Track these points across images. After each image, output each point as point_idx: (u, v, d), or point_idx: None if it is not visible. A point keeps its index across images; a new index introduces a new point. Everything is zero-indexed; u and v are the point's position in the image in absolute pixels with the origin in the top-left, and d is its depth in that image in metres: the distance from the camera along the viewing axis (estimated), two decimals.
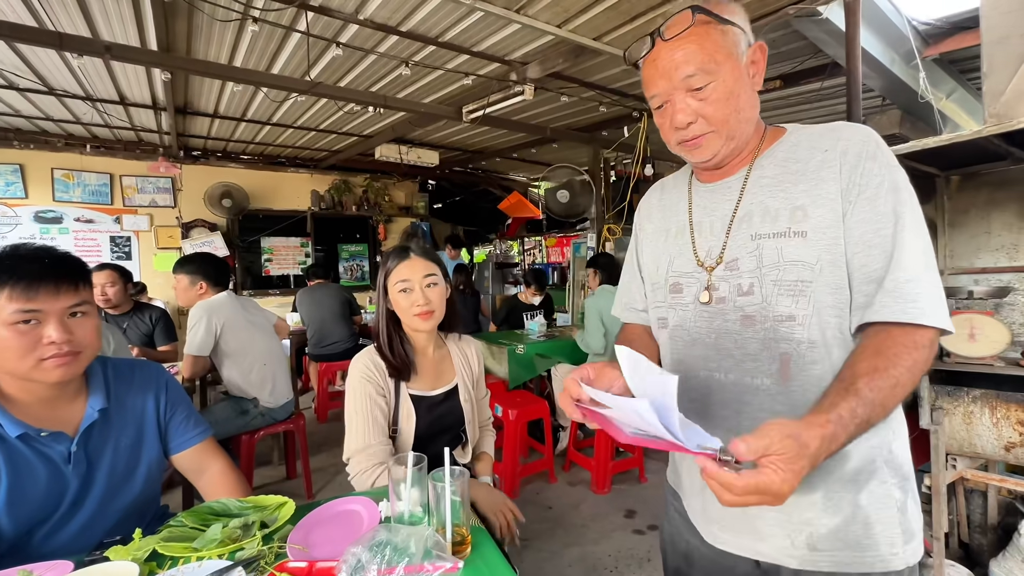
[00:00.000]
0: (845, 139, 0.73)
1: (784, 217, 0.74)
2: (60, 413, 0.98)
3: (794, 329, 0.72)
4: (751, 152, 0.81)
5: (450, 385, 1.35)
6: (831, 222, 0.71)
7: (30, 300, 0.88)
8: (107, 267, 2.81)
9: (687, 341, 0.84)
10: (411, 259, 1.27)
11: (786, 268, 0.73)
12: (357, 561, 0.74)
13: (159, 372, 1.17)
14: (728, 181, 0.82)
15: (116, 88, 3.32)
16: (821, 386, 0.70)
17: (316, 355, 3.93)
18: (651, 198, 0.99)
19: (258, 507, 0.96)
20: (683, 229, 0.87)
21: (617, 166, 4.79)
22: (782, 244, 0.73)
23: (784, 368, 0.73)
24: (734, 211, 0.80)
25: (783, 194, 0.75)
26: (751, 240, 0.76)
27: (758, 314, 0.75)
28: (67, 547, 0.95)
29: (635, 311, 1.00)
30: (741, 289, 0.77)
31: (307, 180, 5.73)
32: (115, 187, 4.78)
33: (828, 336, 0.72)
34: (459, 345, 1.42)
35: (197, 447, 1.17)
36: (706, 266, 0.81)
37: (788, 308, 0.73)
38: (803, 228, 0.72)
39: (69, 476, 0.96)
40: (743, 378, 0.77)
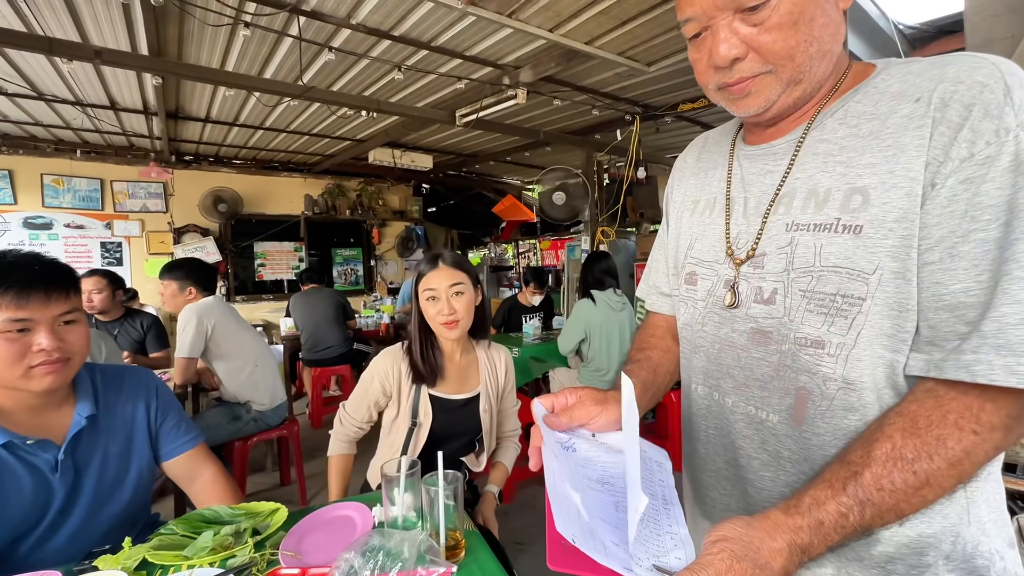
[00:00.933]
0: (951, 80, 0.48)
1: (835, 202, 0.53)
2: (47, 421, 0.97)
3: (821, 360, 0.53)
4: (818, 102, 0.58)
5: (472, 392, 1.35)
6: (905, 213, 0.48)
7: (20, 308, 0.88)
8: (95, 273, 2.78)
9: (691, 346, 0.70)
10: (440, 268, 1.28)
11: (823, 275, 0.53)
12: (350, 567, 0.73)
13: (149, 378, 1.16)
14: (775, 145, 0.61)
15: (107, 93, 3.30)
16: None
17: (310, 360, 3.90)
18: (688, 155, 0.79)
19: (250, 514, 0.95)
20: (714, 204, 0.68)
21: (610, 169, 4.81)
22: (823, 241, 0.53)
23: (799, 407, 0.55)
24: (777, 188, 0.59)
25: (842, 168, 0.53)
26: (785, 231, 0.57)
27: (775, 331, 0.57)
28: (55, 557, 0.94)
29: (661, 295, 0.82)
30: (761, 295, 0.59)
31: (300, 184, 5.71)
32: (106, 192, 4.74)
33: (877, 378, 0.51)
34: (488, 353, 1.42)
35: (188, 453, 1.16)
36: (735, 258, 0.62)
37: (815, 330, 0.53)
38: (858, 221, 0.51)
39: (56, 485, 0.95)
40: (744, 406, 0.61)
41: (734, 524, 0.45)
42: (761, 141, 0.64)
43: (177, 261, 2.53)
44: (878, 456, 0.46)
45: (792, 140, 0.60)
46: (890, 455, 0.46)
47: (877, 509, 0.45)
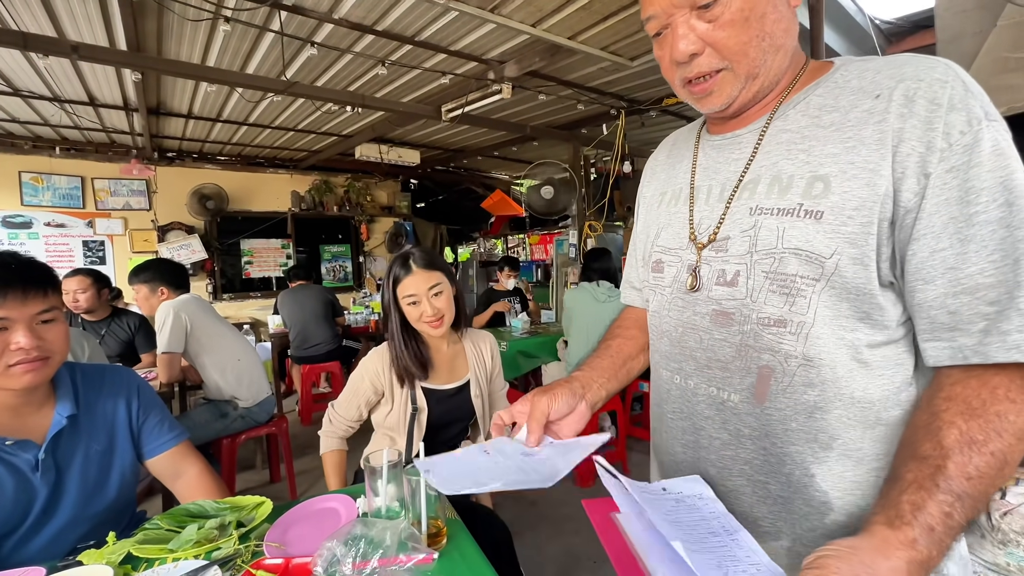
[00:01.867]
0: (911, 79, 0.51)
1: (798, 188, 0.55)
2: (26, 421, 0.97)
3: (783, 338, 0.56)
4: (778, 95, 0.61)
5: (462, 380, 1.39)
6: (864, 202, 0.51)
7: None
8: (79, 272, 2.75)
9: (658, 332, 0.72)
10: (415, 273, 1.30)
11: (784, 257, 0.55)
12: (332, 555, 0.75)
13: (130, 376, 1.17)
14: (739, 135, 0.64)
15: (85, 89, 3.24)
16: (813, 418, 0.56)
17: (299, 357, 3.89)
18: (659, 154, 0.83)
19: (235, 507, 0.96)
20: (680, 194, 0.71)
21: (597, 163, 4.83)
22: (786, 225, 0.55)
23: (761, 385, 0.58)
24: (741, 175, 0.62)
25: (805, 156, 0.56)
26: (749, 215, 0.59)
27: (737, 312, 0.59)
28: (40, 556, 0.94)
29: (633, 288, 0.86)
30: (724, 277, 0.61)
31: (287, 181, 5.66)
32: (87, 190, 4.66)
33: (837, 357, 0.54)
34: (474, 340, 1.46)
35: (172, 451, 1.17)
36: (698, 243, 0.65)
37: (777, 310, 0.56)
38: (819, 207, 0.53)
39: (37, 484, 0.95)
40: (706, 387, 0.63)
41: (837, 545, 0.41)
42: (725, 131, 0.67)
43: (142, 264, 2.48)
44: (951, 444, 0.45)
45: (756, 129, 0.62)
46: (962, 441, 0.45)
47: (972, 500, 0.43)
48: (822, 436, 0.56)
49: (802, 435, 0.57)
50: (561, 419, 0.68)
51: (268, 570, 0.77)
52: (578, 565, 2.15)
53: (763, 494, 0.61)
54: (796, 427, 0.57)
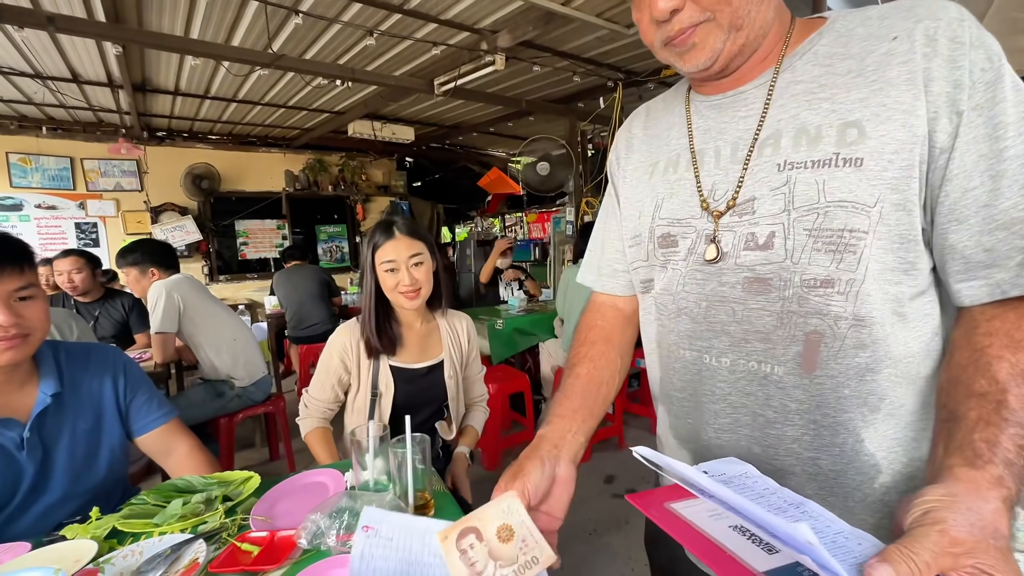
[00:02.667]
0: (928, 19, 0.50)
1: (830, 138, 0.53)
2: (9, 399, 0.95)
3: (831, 299, 0.52)
4: (776, 49, 0.59)
5: (435, 360, 1.34)
6: (903, 145, 0.49)
7: None
8: (72, 253, 2.74)
9: (672, 311, 0.66)
10: (396, 238, 1.25)
11: (830, 212, 0.52)
12: (316, 527, 0.75)
13: (116, 355, 1.15)
14: (743, 91, 0.60)
15: (67, 64, 3.15)
16: (864, 381, 0.53)
17: (296, 337, 3.89)
18: (632, 126, 0.77)
19: (223, 482, 0.96)
20: (678, 161, 0.66)
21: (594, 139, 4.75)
22: (826, 177, 0.52)
23: (809, 352, 0.54)
24: (755, 132, 0.58)
25: (828, 105, 0.53)
26: (778, 172, 0.55)
27: (776, 277, 0.55)
28: (32, 532, 0.94)
29: (614, 273, 0.78)
30: (754, 241, 0.56)
31: (280, 160, 5.57)
32: (76, 171, 4.59)
33: (884, 314, 0.52)
34: (449, 320, 1.40)
35: (162, 428, 1.16)
36: (712, 211, 0.60)
37: (825, 269, 0.52)
38: (858, 154, 0.51)
39: (24, 462, 0.94)
40: (745, 363, 0.59)
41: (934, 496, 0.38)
42: (721, 91, 0.62)
43: (128, 245, 2.44)
44: (1005, 377, 0.44)
45: (762, 84, 0.59)
46: (1015, 372, 0.44)
47: None
48: (872, 399, 0.54)
49: (854, 401, 0.54)
50: (545, 498, 0.56)
51: (253, 543, 0.76)
52: (574, 536, 2.19)
53: (813, 471, 0.57)
54: (848, 393, 0.54)
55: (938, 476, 0.41)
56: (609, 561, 2.00)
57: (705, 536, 0.45)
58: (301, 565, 0.71)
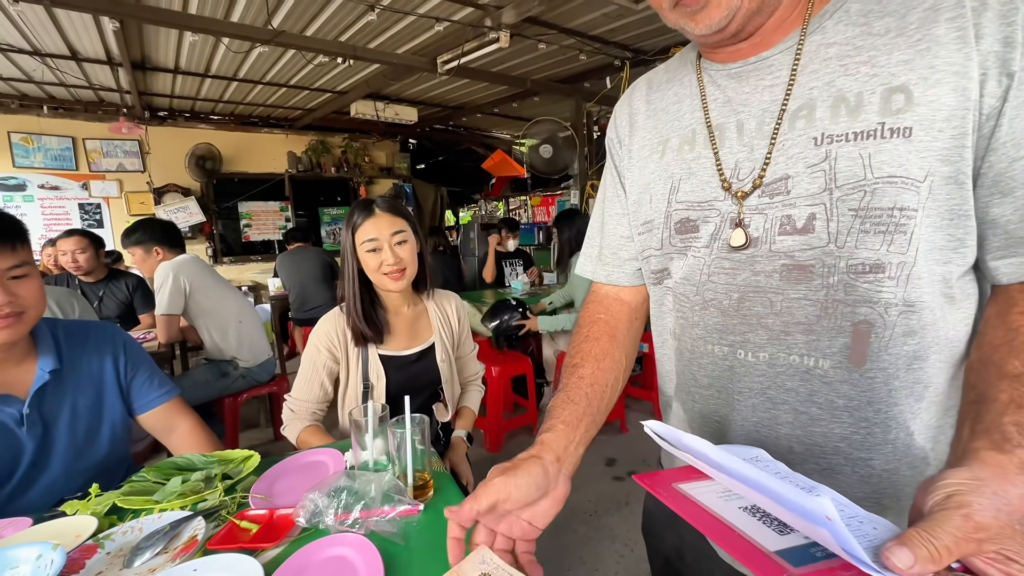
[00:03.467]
0: None
1: (873, 106, 0.48)
2: (7, 376, 0.95)
3: (881, 285, 0.48)
4: (799, 7, 0.53)
5: (426, 344, 1.31)
6: (955, 111, 0.44)
7: None
8: (76, 233, 2.73)
9: (696, 303, 0.60)
10: (377, 215, 1.20)
11: (879, 189, 0.47)
12: (315, 506, 0.74)
13: (115, 333, 1.14)
14: (766, 57, 0.55)
15: (65, 41, 3.10)
16: (912, 369, 0.50)
17: (299, 319, 3.90)
18: (632, 99, 0.70)
19: (223, 460, 0.96)
20: (693, 137, 0.60)
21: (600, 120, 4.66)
22: (872, 150, 0.47)
23: (859, 345, 0.50)
24: (784, 102, 0.53)
25: (868, 68, 0.48)
26: (815, 146, 0.50)
27: (818, 262, 0.51)
28: (35, 508, 0.94)
29: (618, 261, 0.72)
30: (791, 224, 0.52)
31: (282, 141, 5.52)
32: (79, 151, 4.56)
33: (933, 296, 0.48)
34: (437, 301, 1.36)
35: (163, 407, 1.16)
36: (736, 191, 0.55)
37: (875, 253, 0.48)
38: (906, 123, 0.46)
39: (24, 438, 0.94)
40: (786, 356, 0.54)
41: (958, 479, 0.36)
42: (740, 57, 0.56)
43: (131, 225, 2.42)
44: None
45: (788, 48, 0.53)
46: None
47: None
48: (918, 387, 0.51)
49: (903, 392, 0.51)
50: (528, 506, 0.52)
51: (252, 520, 0.76)
52: (574, 516, 2.20)
53: (865, 473, 0.53)
54: (898, 385, 0.50)
55: (963, 459, 0.38)
56: (609, 542, 2.02)
57: (715, 516, 0.44)
58: (300, 543, 0.71)
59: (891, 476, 0.53)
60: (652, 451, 1.63)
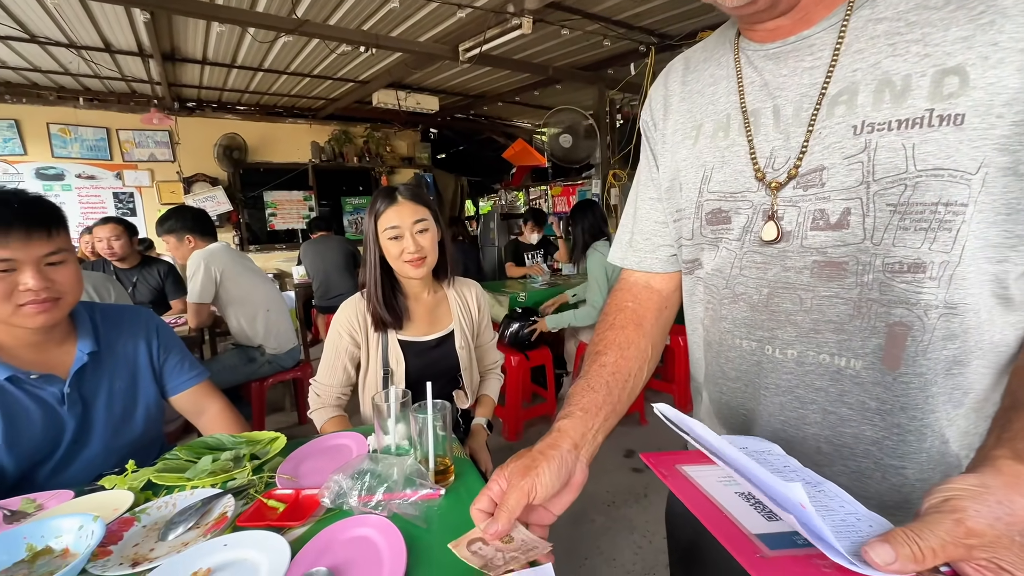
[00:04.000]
0: None
1: (921, 90, 0.43)
2: (49, 357, 0.99)
3: (921, 286, 0.45)
4: None
5: (445, 331, 1.32)
6: (1018, 94, 0.40)
7: (4, 248, 0.87)
8: (111, 220, 2.83)
9: (726, 296, 0.59)
10: (399, 203, 1.21)
11: (921, 183, 0.44)
12: (339, 487, 0.76)
13: (148, 317, 1.18)
14: (807, 36, 0.50)
15: (99, 33, 3.19)
16: (950, 375, 0.46)
17: (323, 307, 3.97)
18: (668, 80, 0.67)
19: (251, 441, 0.98)
20: (728, 123, 0.57)
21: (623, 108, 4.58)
22: (916, 140, 0.43)
23: (894, 348, 0.47)
24: (823, 86, 0.49)
25: (919, 47, 0.44)
26: (854, 135, 0.47)
27: (852, 260, 0.48)
28: (76, 482, 0.99)
29: (651, 247, 0.70)
30: (825, 219, 0.49)
31: (306, 131, 5.59)
32: (113, 142, 4.71)
33: (981, 298, 0.45)
34: (458, 289, 1.37)
35: (194, 389, 1.20)
36: (770, 182, 0.52)
37: (915, 251, 0.45)
38: (958, 109, 0.42)
39: (65, 416, 0.99)
40: (816, 355, 0.52)
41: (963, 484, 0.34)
42: (780, 36, 0.52)
43: (165, 214, 2.51)
44: None
45: (832, 25, 0.49)
46: None
47: None
48: (956, 394, 0.47)
49: (941, 399, 0.48)
50: (550, 499, 0.53)
51: (279, 500, 0.78)
52: (592, 507, 2.21)
53: (898, 481, 0.51)
54: (936, 391, 0.47)
55: (979, 465, 0.36)
56: (627, 533, 2.02)
57: (707, 496, 0.44)
58: (324, 523, 0.73)
59: (924, 485, 0.50)
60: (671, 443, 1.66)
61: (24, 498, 0.82)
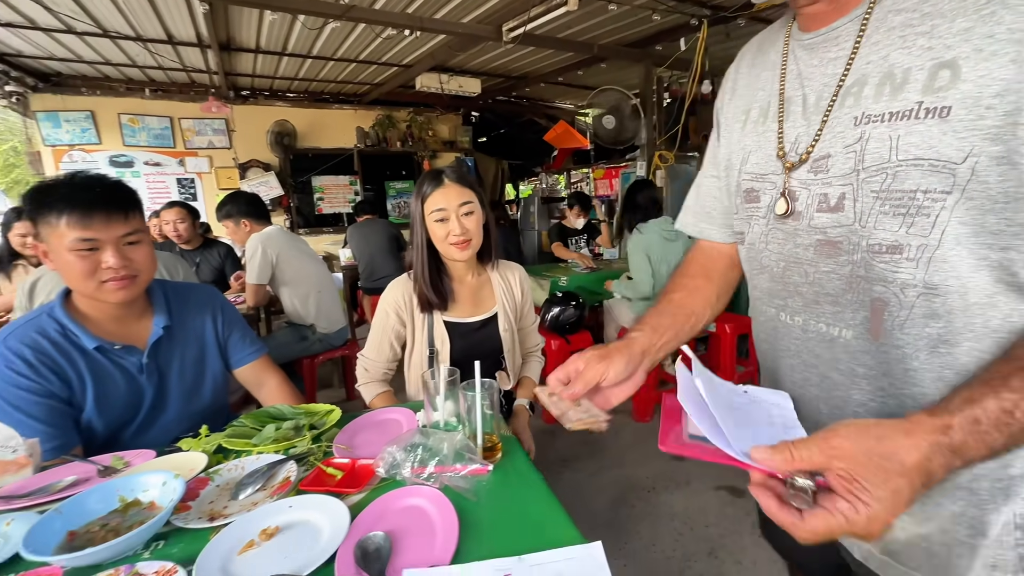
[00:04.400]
0: None
1: (917, 83, 0.46)
2: (129, 329, 1.08)
3: (898, 266, 0.49)
4: None
5: (489, 313, 1.34)
6: (1010, 84, 0.41)
7: (86, 228, 0.95)
8: (176, 204, 3.02)
9: (756, 267, 0.67)
10: (446, 186, 1.22)
11: (901, 171, 0.47)
12: (393, 459, 0.79)
13: (213, 295, 1.26)
14: (836, 27, 0.53)
15: (162, 25, 3.36)
16: (937, 353, 0.50)
17: (368, 288, 4.10)
18: (740, 64, 0.72)
19: (309, 413, 1.04)
20: (768, 110, 0.62)
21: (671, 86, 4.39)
22: (901, 131, 0.46)
23: (874, 319, 0.52)
24: (841, 77, 0.52)
25: (925, 40, 0.46)
26: (854, 126, 0.50)
27: (845, 240, 0.52)
28: (154, 444, 1.08)
29: (709, 218, 0.78)
30: (826, 202, 0.53)
31: (352, 116, 5.72)
32: (175, 130, 4.99)
33: (973, 282, 0.47)
34: (502, 272, 1.38)
35: (255, 363, 1.27)
36: (787, 163, 0.57)
37: (890, 234, 0.49)
38: (945, 102, 0.44)
39: (144, 384, 1.07)
40: (815, 324, 0.58)
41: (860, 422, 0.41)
42: (817, 26, 0.55)
43: (222, 200, 2.64)
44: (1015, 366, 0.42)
45: (856, 17, 0.52)
46: None
47: None
48: (947, 373, 0.50)
49: (926, 375, 0.51)
50: (613, 386, 0.66)
51: (336, 467, 0.83)
52: (632, 492, 2.20)
53: None
54: (918, 366, 0.51)
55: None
56: (667, 520, 2.00)
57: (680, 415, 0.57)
58: (379, 492, 0.76)
59: None
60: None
61: (114, 455, 0.90)
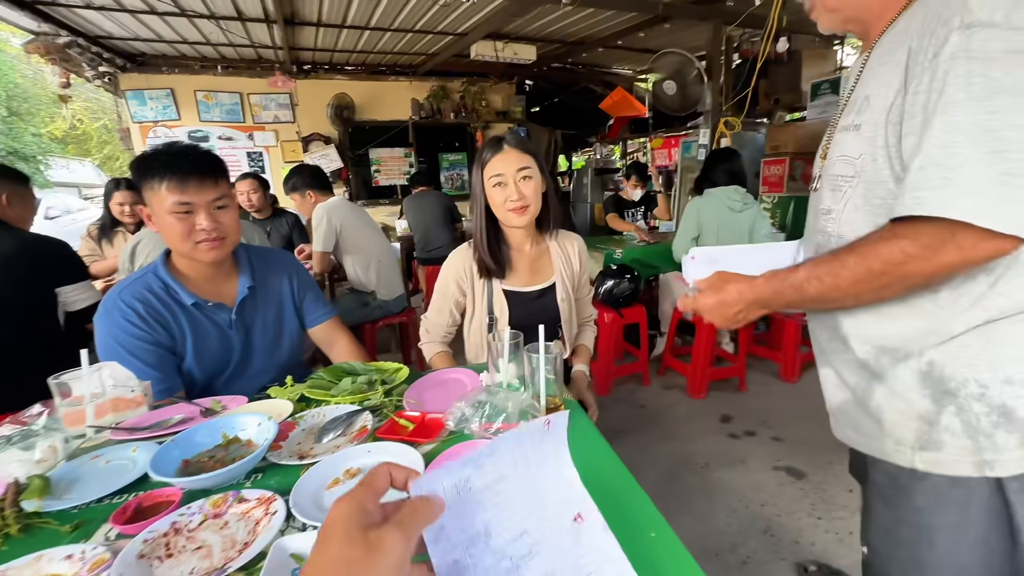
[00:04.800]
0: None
1: (855, 108, 0.71)
2: (220, 288, 1.18)
3: (828, 222, 0.77)
4: (886, 23, 0.71)
5: (547, 283, 1.34)
6: (882, 113, 0.66)
7: (183, 193, 1.04)
8: (249, 176, 3.20)
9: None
10: (504, 151, 1.22)
11: (836, 163, 0.75)
12: (461, 414, 0.82)
13: (290, 259, 1.35)
14: (864, 59, 0.76)
15: (233, 2, 3.50)
16: None
17: (423, 259, 4.21)
18: None
19: (379, 369, 1.10)
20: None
21: (743, 46, 4.09)
22: (840, 139, 0.74)
23: (819, 252, 0.79)
24: (847, 98, 0.78)
25: (873, 81, 0.69)
26: (836, 132, 0.77)
27: (824, 207, 0.79)
28: (243, 392, 1.19)
29: None
30: (823, 184, 0.80)
31: (406, 88, 5.77)
32: (245, 105, 5.24)
33: (862, 232, 0.69)
34: (560, 242, 1.38)
35: (326, 323, 1.36)
36: (821, 155, 0.83)
37: (828, 202, 0.77)
38: (860, 121, 0.69)
39: (233, 338, 1.18)
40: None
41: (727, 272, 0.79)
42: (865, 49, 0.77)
43: (288, 173, 2.79)
44: (833, 255, 0.68)
45: (868, 54, 0.74)
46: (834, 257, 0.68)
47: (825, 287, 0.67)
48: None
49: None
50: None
51: (408, 419, 0.88)
52: (684, 467, 2.18)
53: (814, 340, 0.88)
54: None
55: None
56: (720, 495, 1.98)
57: None
58: (449, 443, 0.81)
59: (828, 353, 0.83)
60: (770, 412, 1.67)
61: (212, 399, 1.00)
